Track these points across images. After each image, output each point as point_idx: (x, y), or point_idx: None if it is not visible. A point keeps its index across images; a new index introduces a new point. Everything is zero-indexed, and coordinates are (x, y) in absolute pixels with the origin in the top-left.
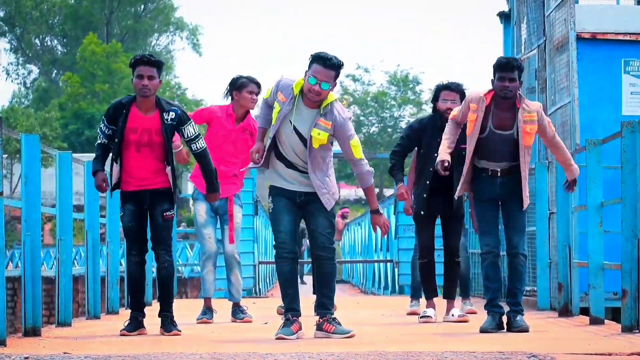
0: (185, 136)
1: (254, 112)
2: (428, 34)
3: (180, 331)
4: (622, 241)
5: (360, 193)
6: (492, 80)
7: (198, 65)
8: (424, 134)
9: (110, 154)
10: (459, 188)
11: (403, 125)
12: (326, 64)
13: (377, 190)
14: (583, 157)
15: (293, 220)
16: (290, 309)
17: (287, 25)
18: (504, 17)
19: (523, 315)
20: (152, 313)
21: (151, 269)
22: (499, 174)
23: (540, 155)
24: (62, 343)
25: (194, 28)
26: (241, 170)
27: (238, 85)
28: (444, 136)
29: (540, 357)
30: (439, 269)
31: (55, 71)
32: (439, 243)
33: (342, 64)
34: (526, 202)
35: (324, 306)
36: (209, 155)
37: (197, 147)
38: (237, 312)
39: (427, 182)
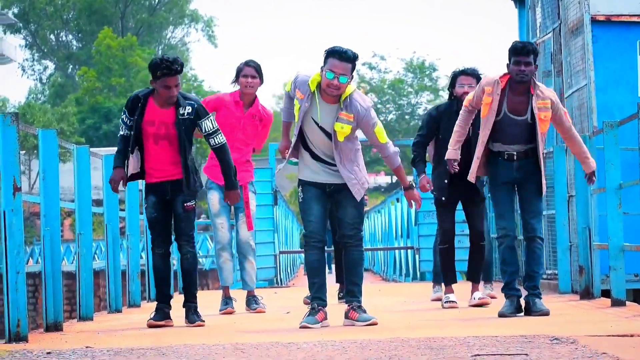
0: (203, 130)
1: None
2: (443, 20)
3: (204, 322)
4: None
5: (379, 180)
6: (507, 64)
7: (214, 57)
8: (442, 120)
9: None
10: (471, 171)
11: (420, 112)
12: (342, 57)
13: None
14: (600, 140)
15: (323, 210)
16: (316, 298)
17: (302, 14)
18: (519, 1)
19: (541, 299)
20: (174, 306)
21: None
22: (515, 158)
23: (558, 139)
24: (84, 337)
25: (209, 20)
26: (279, 168)
27: (237, 72)
28: (455, 127)
29: (563, 339)
30: (461, 254)
31: (71, 66)
32: (459, 228)
33: (358, 56)
34: (544, 189)
35: (352, 293)
36: (229, 151)
37: (215, 142)
38: (251, 301)
39: (447, 167)
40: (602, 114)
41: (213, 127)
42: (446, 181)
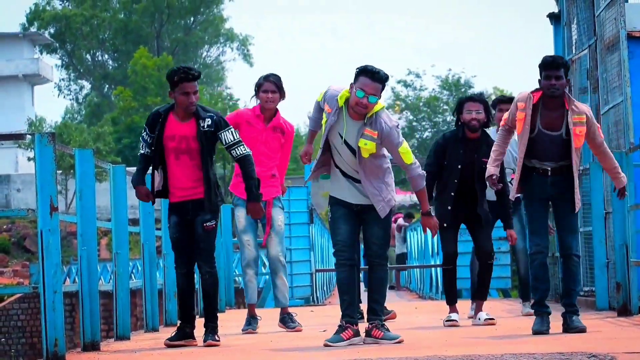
0: (224, 142)
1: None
2: (478, 38)
3: (218, 341)
4: None
5: (414, 198)
6: (539, 80)
7: (249, 76)
8: (447, 147)
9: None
10: (513, 189)
11: None
12: (374, 77)
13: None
14: (637, 156)
15: (351, 229)
16: (345, 316)
17: (337, 33)
18: (554, 18)
19: (579, 316)
20: (198, 326)
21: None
22: (549, 173)
23: (594, 156)
24: (121, 357)
25: (244, 38)
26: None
27: (257, 86)
28: (493, 147)
29: (601, 357)
30: (498, 272)
31: (107, 86)
32: (496, 245)
33: (388, 77)
34: (578, 205)
35: (374, 312)
36: (253, 163)
37: (237, 153)
38: (287, 320)
39: (452, 194)
40: (638, 131)
41: (234, 139)
42: (449, 207)
